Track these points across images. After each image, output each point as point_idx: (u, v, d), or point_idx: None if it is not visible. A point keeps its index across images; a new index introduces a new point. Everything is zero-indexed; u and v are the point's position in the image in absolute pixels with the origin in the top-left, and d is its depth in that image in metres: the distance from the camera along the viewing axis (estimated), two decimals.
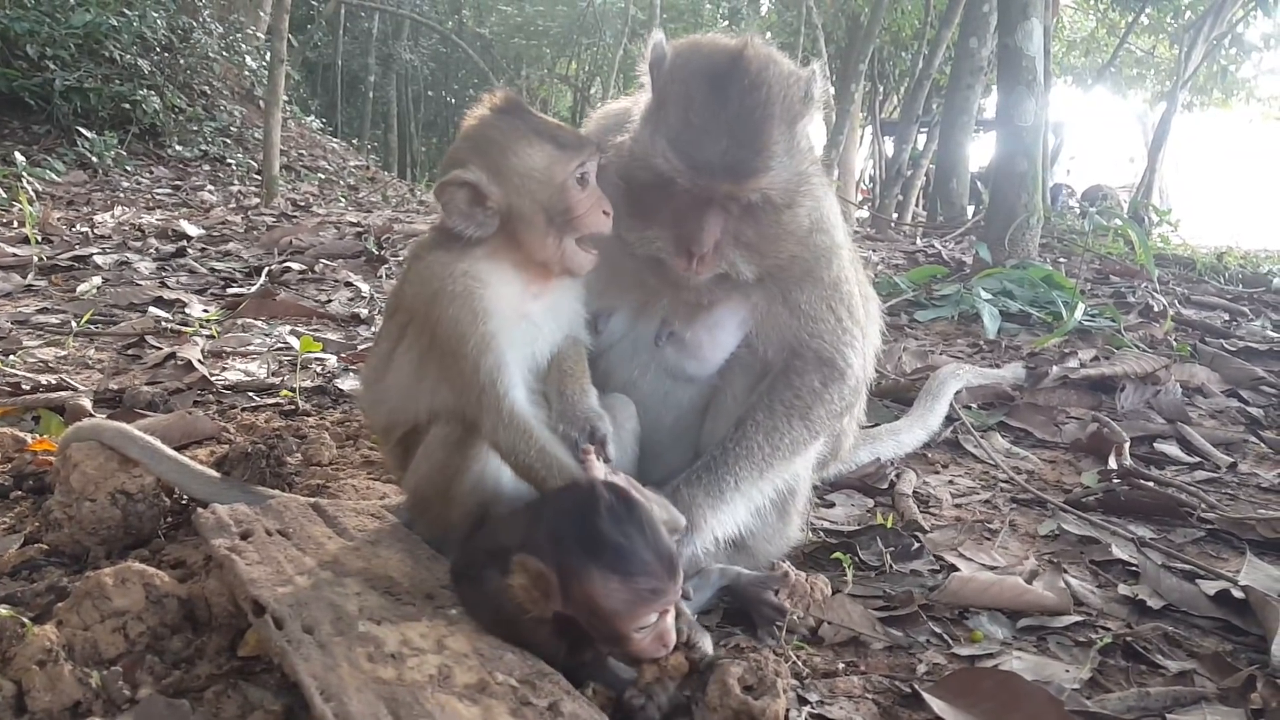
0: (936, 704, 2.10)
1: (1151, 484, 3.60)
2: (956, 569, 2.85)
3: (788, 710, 2.02)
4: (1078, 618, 2.59)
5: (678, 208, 2.51)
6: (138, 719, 1.99)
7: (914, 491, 3.54)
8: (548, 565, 1.98)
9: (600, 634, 2.04)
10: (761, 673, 2.05)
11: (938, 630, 2.54)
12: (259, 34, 20.23)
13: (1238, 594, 2.66)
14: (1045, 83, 8.02)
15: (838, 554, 2.91)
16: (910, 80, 21.24)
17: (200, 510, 2.59)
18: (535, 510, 2.17)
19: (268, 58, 15.52)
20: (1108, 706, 2.15)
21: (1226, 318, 7.24)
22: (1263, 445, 4.23)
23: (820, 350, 2.76)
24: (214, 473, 2.99)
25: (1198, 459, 4.01)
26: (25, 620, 2.15)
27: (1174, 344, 5.80)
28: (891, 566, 2.88)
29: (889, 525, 3.09)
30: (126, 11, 15.66)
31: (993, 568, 2.91)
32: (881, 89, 27.54)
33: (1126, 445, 3.95)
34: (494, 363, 2.35)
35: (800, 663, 2.33)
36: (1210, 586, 2.72)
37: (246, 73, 19.70)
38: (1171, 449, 4.10)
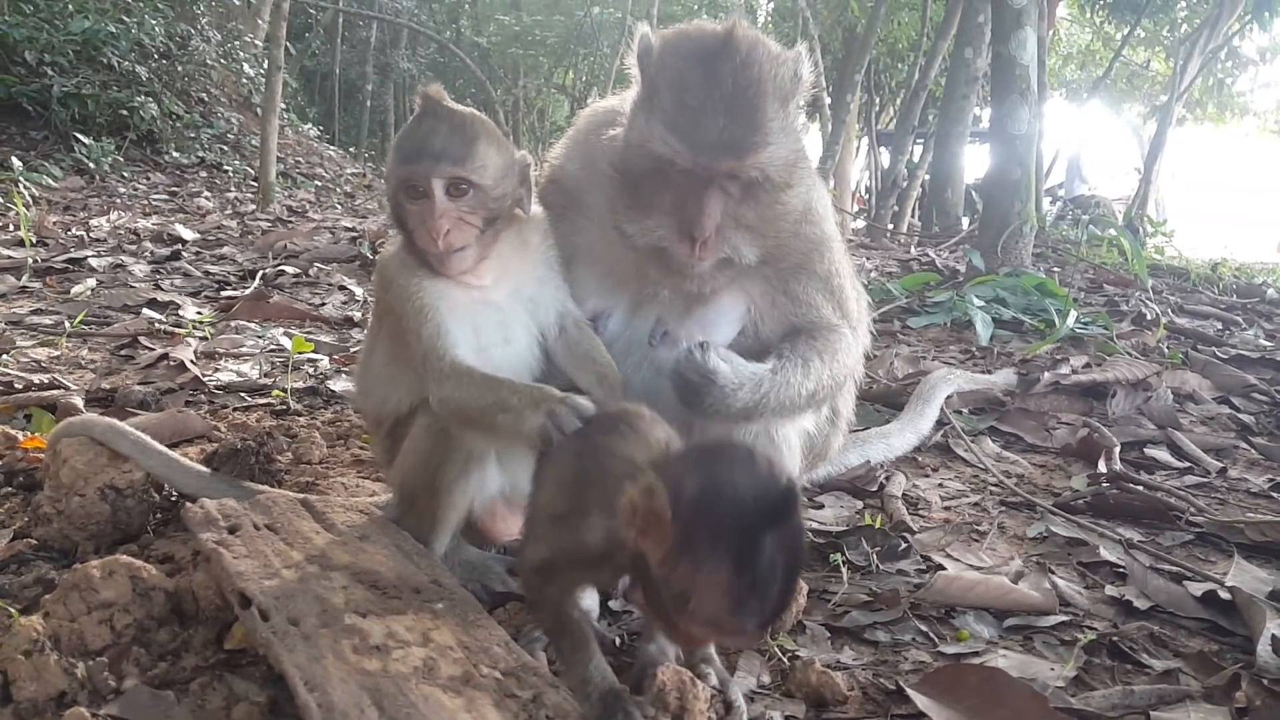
0: (921, 700, 2.10)
1: (1141, 488, 3.61)
2: (943, 569, 2.85)
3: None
4: (1064, 617, 2.59)
5: (677, 194, 2.51)
6: (123, 709, 1.99)
7: (903, 494, 3.54)
8: (673, 518, 1.68)
9: (661, 607, 1.74)
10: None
11: (923, 629, 2.54)
12: (257, 42, 20.24)
13: (1224, 595, 2.66)
14: (1040, 93, 8.05)
15: (829, 554, 2.91)
16: (906, 91, 21.28)
17: (189, 505, 2.60)
18: (716, 461, 1.77)
19: (265, 65, 15.53)
20: (1092, 704, 2.15)
21: (1220, 326, 7.26)
22: (1253, 451, 4.23)
23: (824, 320, 2.78)
24: (203, 468, 2.99)
25: (1188, 464, 4.02)
26: (12, 611, 2.15)
27: (1166, 351, 5.81)
28: (878, 566, 2.88)
29: (877, 526, 3.10)
30: (125, 19, 15.70)
31: (979, 568, 2.91)
32: (878, 100, 27.61)
33: (1116, 450, 3.96)
34: (433, 330, 2.44)
35: (784, 659, 2.33)
36: (1197, 588, 2.72)
37: (244, 80, 19.71)
38: (1162, 454, 4.10)
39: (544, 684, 1.92)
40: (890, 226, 17.50)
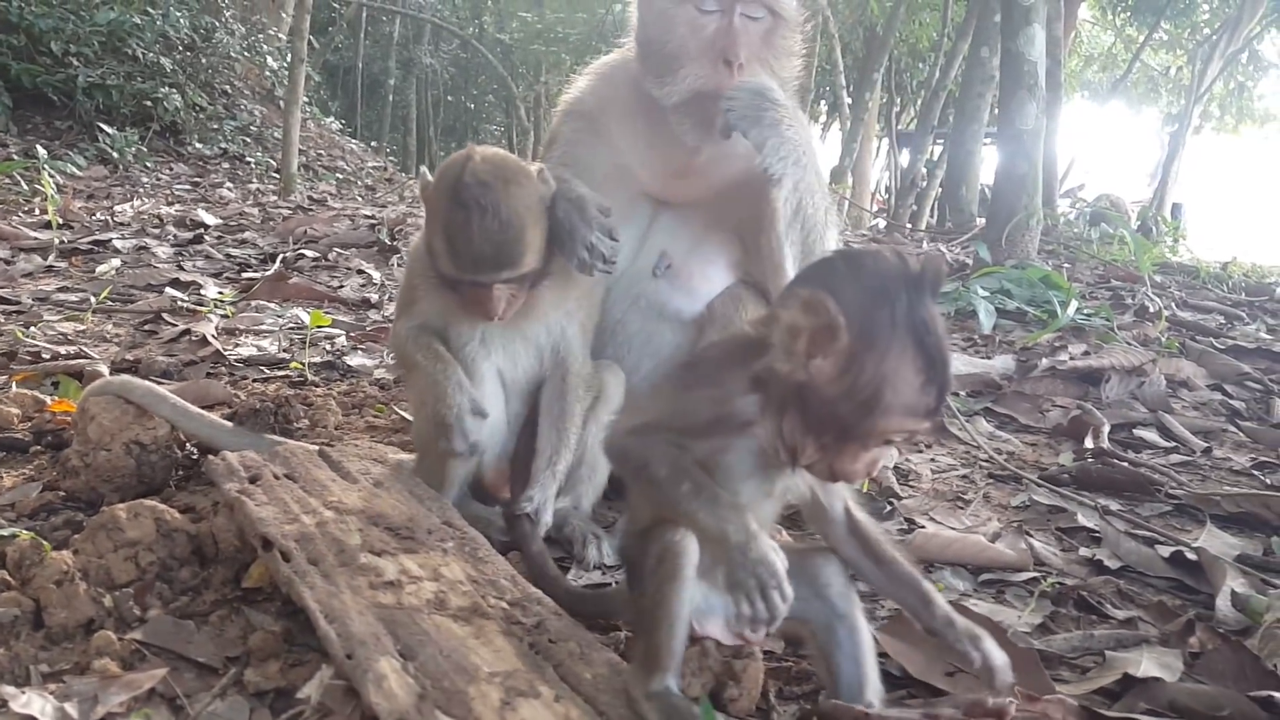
0: (886, 641, 2.23)
1: (1125, 463, 3.73)
2: (923, 529, 2.98)
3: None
4: (1036, 574, 2.72)
5: (702, 37, 2.75)
6: (147, 635, 2.14)
7: (894, 466, 3.67)
8: (847, 321, 1.63)
9: (840, 423, 1.69)
10: None
11: None
12: (280, 35, 20.43)
13: (1191, 556, 2.78)
14: (1055, 94, 8.14)
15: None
16: (927, 91, 21.32)
17: (211, 458, 2.76)
18: (853, 262, 1.74)
19: (289, 58, 15.71)
20: (1053, 645, 2.29)
21: (1222, 320, 7.33)
22: (1240, 434, 4.34)
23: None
24: (226, 423, 3.15)
25: (1174, 444, 4.13)
26: (45, 544, 2.31)
27: (1164, 341, 5.91)
28: None
29: (864, 491, 3.23)
30: (150, 10, 15.86)
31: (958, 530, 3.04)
32: (898, 100, 27.64)
33: (1105, 428, 4.07)
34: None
35: None
36: (1166, 549, 2.85)
37: (267, 73, 19.89)
38: (1150, 435, 4.21)
39: (547, 612, 2.06)
40: (909, 225, 17.58)
